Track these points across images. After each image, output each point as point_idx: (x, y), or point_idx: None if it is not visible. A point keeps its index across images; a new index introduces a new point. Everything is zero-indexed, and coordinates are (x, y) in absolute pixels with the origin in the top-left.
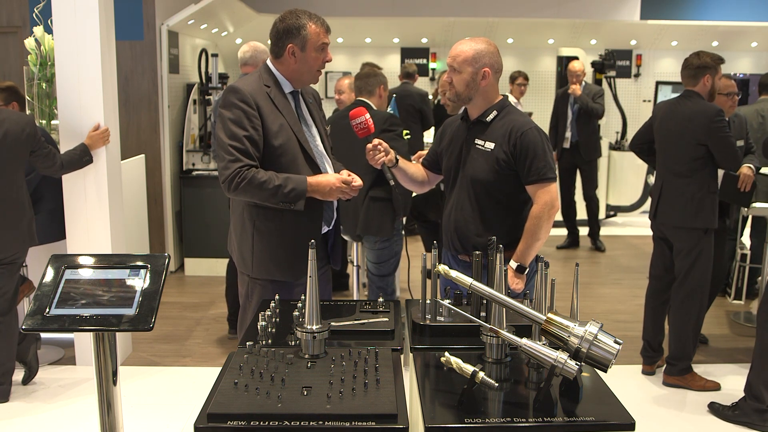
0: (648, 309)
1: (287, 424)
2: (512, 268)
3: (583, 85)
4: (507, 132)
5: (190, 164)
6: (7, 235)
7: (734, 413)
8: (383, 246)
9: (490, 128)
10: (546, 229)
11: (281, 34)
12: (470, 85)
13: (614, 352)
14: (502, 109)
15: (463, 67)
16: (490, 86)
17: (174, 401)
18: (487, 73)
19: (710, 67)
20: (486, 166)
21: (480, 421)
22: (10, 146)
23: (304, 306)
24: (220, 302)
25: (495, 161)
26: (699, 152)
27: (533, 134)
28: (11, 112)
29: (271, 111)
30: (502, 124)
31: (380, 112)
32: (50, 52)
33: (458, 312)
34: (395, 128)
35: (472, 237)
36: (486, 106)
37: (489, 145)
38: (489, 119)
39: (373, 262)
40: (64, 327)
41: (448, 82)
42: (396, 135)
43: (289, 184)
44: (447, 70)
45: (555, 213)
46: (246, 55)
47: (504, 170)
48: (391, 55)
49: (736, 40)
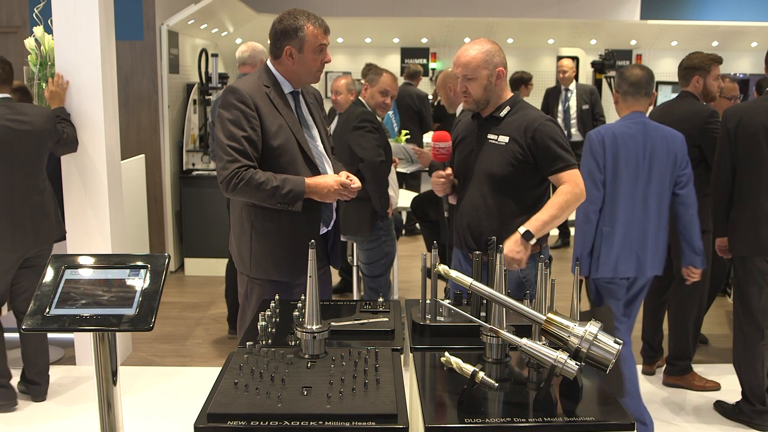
0: (647, 309)
1: (287, 424)
2: (520, 233)
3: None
4: (523, 126)
5: (190, 164)
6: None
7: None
8: (371, 246)
9: (503, 123)
10: (571, 209)
11: (279, 35)
12: (487, 88)
13: (614, 352)
14: (515, 105)
15: (478, 72)
16: (504, 83)
17: (174, 401)
18: (501, 72)
19: (699, 68)
20: (500, 159)
21: (480, 421)
22: (37, 141)
23: (304, 306)
24: (220, 302)
25: (510, 155)
26: (693, 153)
27: (550, 126)
28: (33, 106)
29: (270, 112)
30: (516, 118)
31: (356, 109)
32: (50, 52)
33: (458, 312)
34: (365, 124)
35: (486, 233)
36: (498, 103)
37: (503, 139)
38: (502, 114)
39: (364, 262)
40: (64, 327)
41: (463, 92)
42: (366, 131)
43: (287, 186)
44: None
45: (582, 197)
46: (244, 55)
47: (520, 164)
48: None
49: (736, 40)
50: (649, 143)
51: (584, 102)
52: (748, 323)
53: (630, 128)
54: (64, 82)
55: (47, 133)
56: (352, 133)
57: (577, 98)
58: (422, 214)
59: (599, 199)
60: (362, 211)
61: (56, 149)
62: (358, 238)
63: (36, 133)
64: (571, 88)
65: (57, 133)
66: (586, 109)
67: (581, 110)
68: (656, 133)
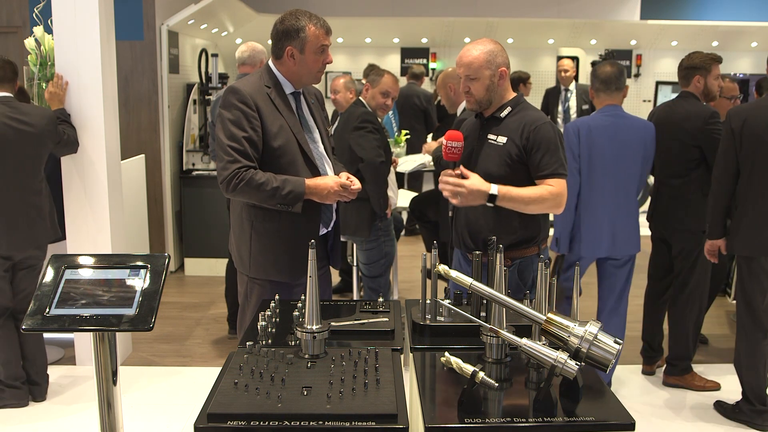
0: (647, 309)
1: (287, 424)
2: (488, 192)
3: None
4: (521, 126)
5: (190, 164)
6: (26, 234)
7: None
8: (371, 246)
9: (504, 123)
10: (540, 207)
11: (280, 36)
12: (490, 88)
13: (614, 352)
14: (517, 105)
15: (481, 72)
16: (506, 84)
17: (174, 401)
18: (503, 72)
19: (699, 67)
20: (498, 160)
21: (480, 421)
22: (37, 142)
23: (304, 306)
24: (220, 302)
25: (507, 155)
26: (694, 154)
27: (547, 129)
28: (34, 107)
29: (270, 112)
30: (516, 119)
31: (358, 110)
32: (50, 52)
33: (458, 312)
34: (366, 125)
35: (484, 233)
36: (501, 103)
37: (501, 140)
38: (503, 115)
39: (363, 262)
40: (64, 327)
41: (466, 92)
42: (367, 132)
43: (287, 186)
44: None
45: (558, 207)
46: (244, 55)
47: (516, 164)
48: (391, 55)
49: (736, 40)
50: (621, 134)
51: (584, 102)
52: (751, 323)
53: (604, 120)
54: (63, 83)
55: (48, 135)
56: (352, 133)
57: (576, 98)
58: (421, 214)
59: (577, 184)
60: (361, 211)
61: (56, 150)
62: (357, 238)
63: (36, 133)
64: (571, 88)
65: (57, 134)
66: (585, 110)
67: (581, 110)
68: (628, 123)
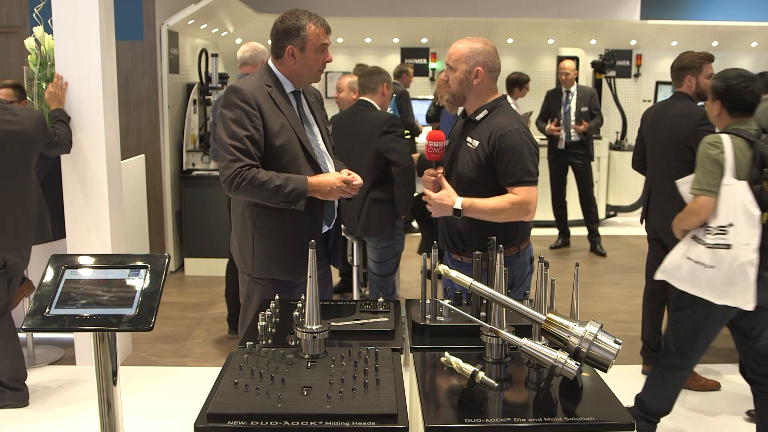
0: (646, 309)
1: (287, 424)
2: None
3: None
4: (489, 132)
5: (190, 164)
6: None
7: None
8: (385, 245)
9: (479, 126)
10: (506, 216)
11: (281, 35)
12: (463, 84)
13: (614, 352)
14: (493, 109)
15: (458, 64)
16: (483, 85)
17: (174, 401)
18: (479, 72)
19: (689, 67)
20: (470, 162)
21: (480, 421)
22: (25, 143)
23: (304, 306)
24: (220, 302)
25: (477, 159)
26: (686, 155)
27: (513, 136)
28: (24, 108)
29: (272, 111)
30: (489, 123)
31: (382, 114)
32: (50, 52)
33: (458, 312)
34: (395, 129)
35: (457, 232)
36: (479, 105)
37: (474, 143)
38: (478, 118)
39: (375, 261)
40: (64, 327)
41: (445, 81)
42: (397, 136)
43: (290, 184)
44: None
45: (525, 215)
46: (245, 55)
47: (485, 169)
48: (391, 55)
49: (736, 40)
50: None
51: (584, 104)
52: None
53: None
54: (63, 83)
55: (37, 137)
56: (382, 137)
57: (577, 100)
58: (421, 213)
59: None
60: (386, 213)
61: (47, 151)
62: (378, 239)
63: (24, 135)
64: (572, 90)
65: (47, 136)
66: (584, 111)
67: (580, 112)
68: None
